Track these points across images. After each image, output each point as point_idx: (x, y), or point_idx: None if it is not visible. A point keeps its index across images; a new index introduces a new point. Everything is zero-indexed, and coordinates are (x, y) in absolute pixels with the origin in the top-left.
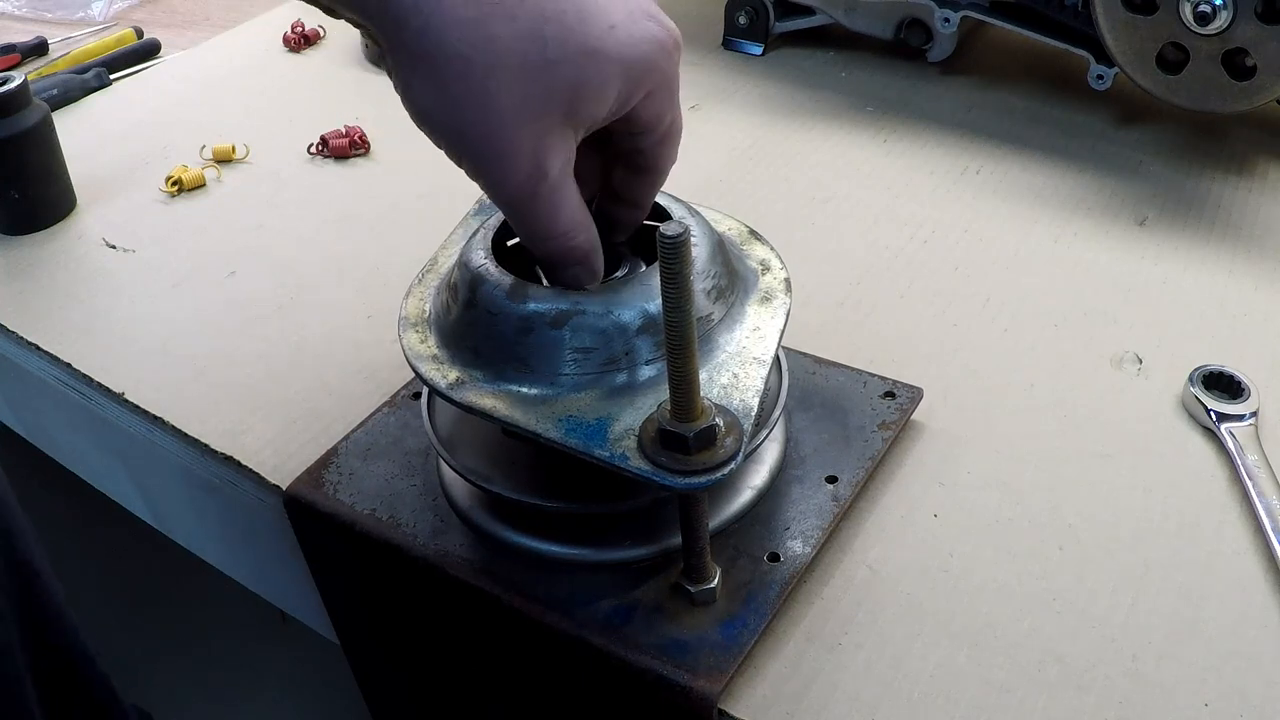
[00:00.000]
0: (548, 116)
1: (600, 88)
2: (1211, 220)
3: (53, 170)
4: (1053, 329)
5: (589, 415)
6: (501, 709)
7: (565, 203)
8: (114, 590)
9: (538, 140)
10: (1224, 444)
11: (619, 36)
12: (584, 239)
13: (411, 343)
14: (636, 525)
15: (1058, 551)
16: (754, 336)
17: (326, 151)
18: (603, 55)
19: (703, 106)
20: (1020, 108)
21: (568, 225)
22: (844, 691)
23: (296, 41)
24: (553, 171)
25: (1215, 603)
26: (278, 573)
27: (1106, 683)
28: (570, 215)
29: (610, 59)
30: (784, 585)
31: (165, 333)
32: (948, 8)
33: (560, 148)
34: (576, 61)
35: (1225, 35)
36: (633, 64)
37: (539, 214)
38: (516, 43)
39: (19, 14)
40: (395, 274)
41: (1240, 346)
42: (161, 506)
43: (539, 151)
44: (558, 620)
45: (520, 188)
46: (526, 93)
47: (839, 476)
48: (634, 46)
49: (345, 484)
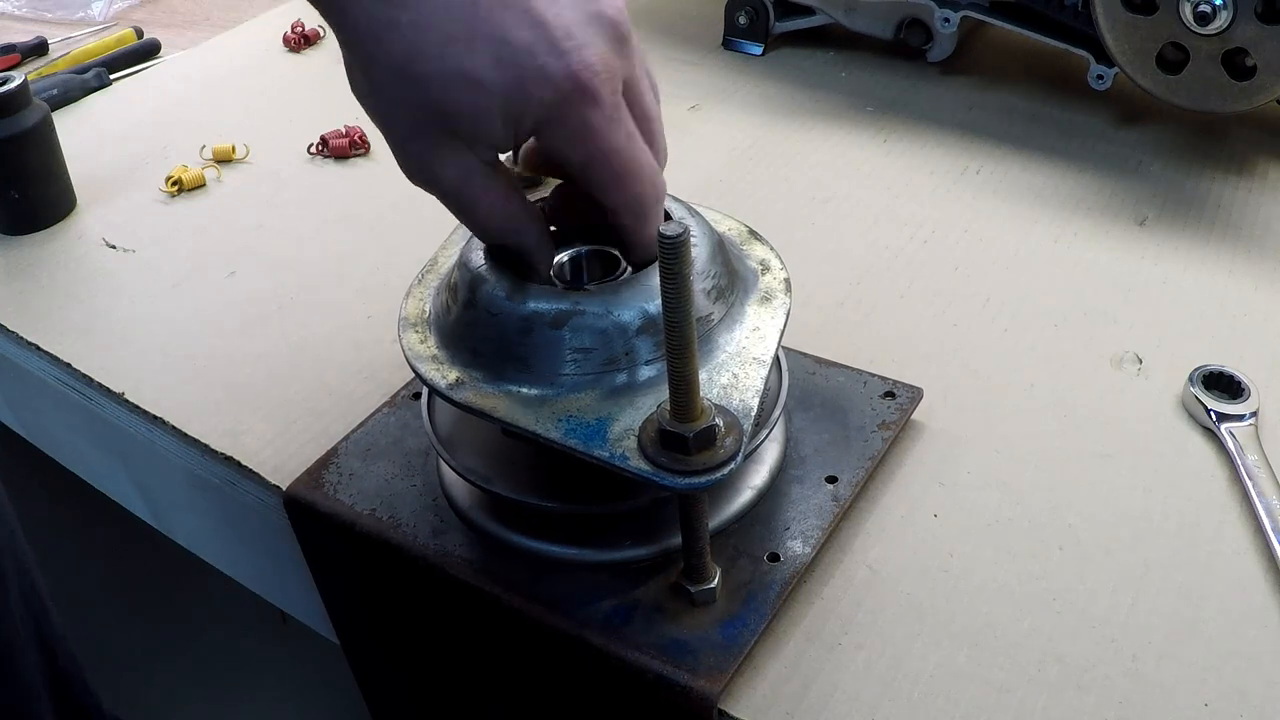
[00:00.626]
0: (432, 133)
1: (476, 115)
2: (1211, 220)
3: (53, 170)
4: (1053, 329)
5: (589, 415)
6: (501, 709)
7: (479, 208)
8: (114, 590)
9: (424, 148)
10: (1224, 444)
11: (501, 68)
12: (513, 241)
13: (411, 343)
14: (636, 525)
15: (1058, 551)
16: (754, 337)
17: (326, 151)
18: (478, 85)
19: (703, 106)
20: (1020, 108)
21: (486, 224)
22: (844, 691)
23: (296, 41)
24: (446, 179)
25: (1215, 603)
26: (278, 573)
27: (1106, 683)
28: (487, 219)
29: (483, 89)
30: (784, 585)
31: (165, 333)
32: (948, 8)
33: (452, 162)
34: (450, 87)
35: (1225, 35)
36: (510, 98)
37: (459, 209)
38: (405, 61)
39: (19, 14)
40: (395, 274)
41: (1240, 346)
42: (161, 506)
43: (425, 159)
44: (558, 620)
45: (423, 185)
46: (410, 108)
47: (839, 476)
48: (514, 81)
49: (345, 484)
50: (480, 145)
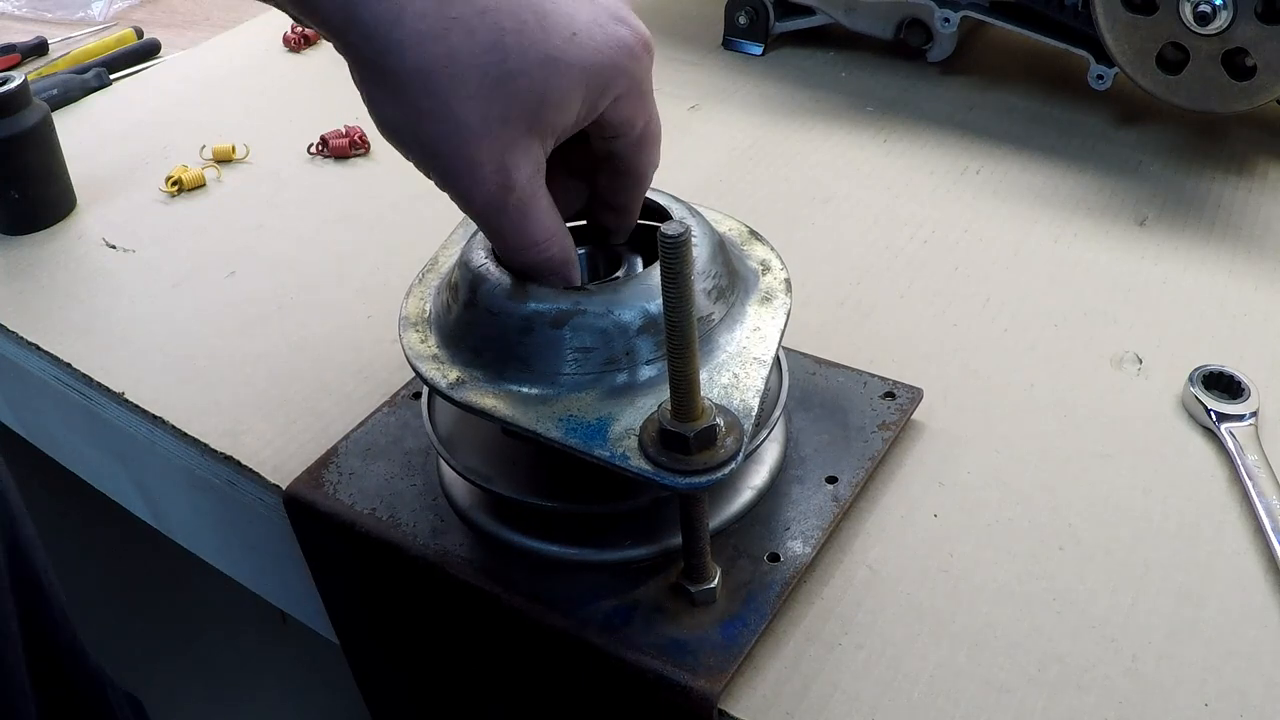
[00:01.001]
0: (511, 128)
1: (563, 96)
2: (1211, 220)
3: (53, 170)
4: (1053, 329)
5: (589, 415)
6: (501, 709)
7: (535, 213)
8: (114, 590)
9: (502, 153)
10: (1224, 444)
11: (581, 43)
12: (557, 250)
13: (412, 342)
14: (636, 525)
15: (1058, 551)
16: (754, 337)
17: (326, 151)
18: (564, 63)
19: (703, 106)
20: (1020, 108)
21: (539, 236)
22: (844, 691)
23: (296, 41)
24: (519, 183)
25: (1215, 603)
26: (278, 573)
27: (1106, 683)
28: (541, 226)
29: (572, 66)
30: (784, 585)
31: (165, 333)
32: (948, 8)
33: (526, 159)
34: (538, 71)
35: (1225, 35)
36: (596, 70)
37: (509, 226)
38: (476, 56)
39: (19, 14)
40: (395, 274)
41: (1240, 346)
42: (161, 506)
43: (504, 164)
44: (558, 620)
45: (488, 201)
46: (488, 106)
47: (839, 477)
48: (597, 52)
49: (345, 484)
50: (550, 136)
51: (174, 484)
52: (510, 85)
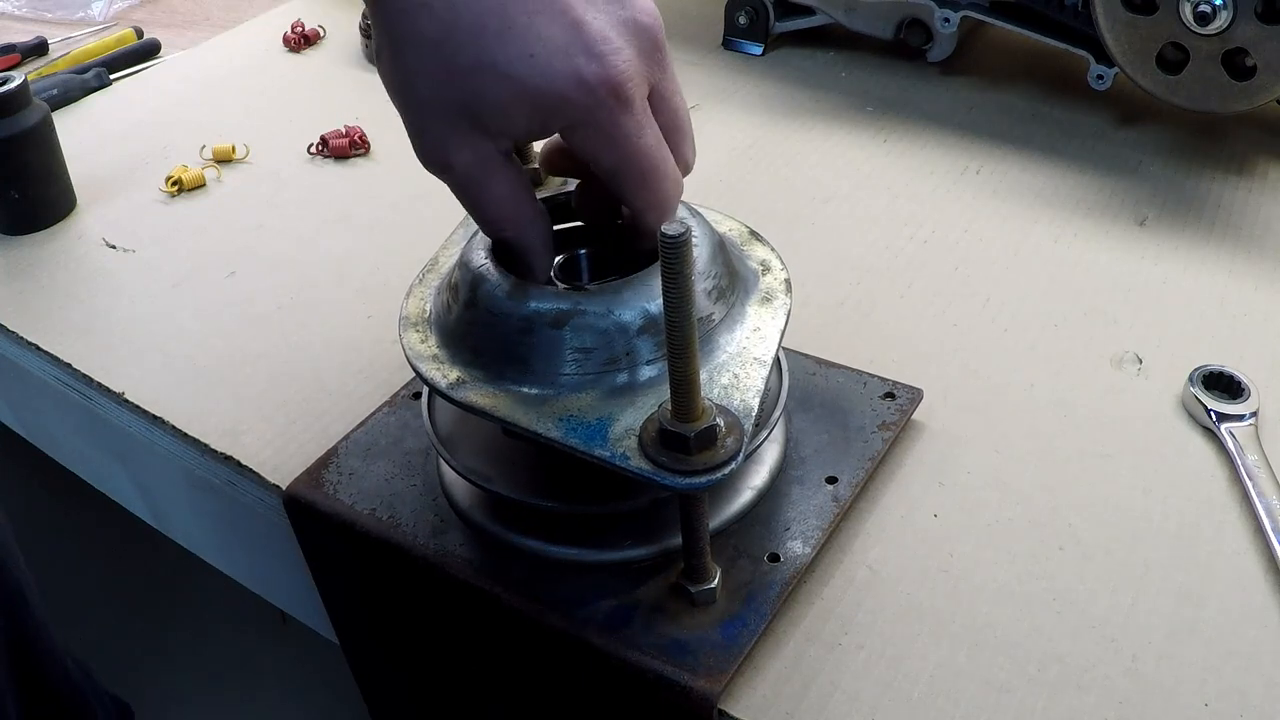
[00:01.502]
0: (454, 116)
1: (503, 106)
2: (1211, 220)
3: (53, 170)
4: (1053, 329)
5: (589, 415)
6: (501, 709)
7: (483, 198)
8: (114, 590)
9: (443, 134)
10: (1224, 444)
11: (535, 64)
12: (513, 235)
13: (412, 342)
14: (636, 525)
15: (1058, 551)
16: (754, 337)
17: (326, 151)
18: (508, 77)
19: (703, 106)
20: (1020, 108)
21: (489, 216)
22: (844, 691)
23: (296, 41)
24: (457, 166)
25: (1215, 603)
26: (278, 573)
27: (1106, 683)
28: (494, 209)
29: (514, 81)
30: (784, 585)
31: (165, 333)
32: (948, 8)
33: (466, 147)
34: (477, 75)
35: (1225, 35)
36: (541, 94)
37: (461, 198)
38: (435, 44)
39: (19, 14)
40: (395, 274)
41: (1240, 346)
42: (161, 506)
43: (444, 144)
44: (558, 620)
45: (435, 169)
46: (436, 89)
47: (839, 477)
48: (545, 79)
49: (345, 484)
50: (501, 137)
51: (174, 484)
52: (456, 80)
